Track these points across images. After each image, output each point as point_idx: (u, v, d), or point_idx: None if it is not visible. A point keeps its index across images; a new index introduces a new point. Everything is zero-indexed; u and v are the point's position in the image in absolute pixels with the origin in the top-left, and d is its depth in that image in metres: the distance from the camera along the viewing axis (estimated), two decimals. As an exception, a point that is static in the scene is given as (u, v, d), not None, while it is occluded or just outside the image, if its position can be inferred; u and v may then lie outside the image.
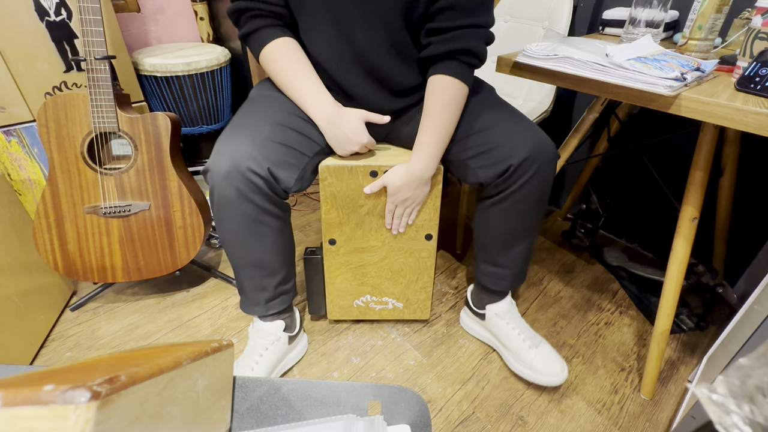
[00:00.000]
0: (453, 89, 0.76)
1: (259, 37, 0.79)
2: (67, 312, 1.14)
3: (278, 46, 0.79)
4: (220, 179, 0.72)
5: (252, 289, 0.88)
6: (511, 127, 0.79)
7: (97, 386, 0.23)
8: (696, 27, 0.81)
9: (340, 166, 0.83)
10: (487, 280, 0.96)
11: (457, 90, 0.77)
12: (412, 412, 0.42)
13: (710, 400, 0.26)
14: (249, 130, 0.74)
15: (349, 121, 0.80)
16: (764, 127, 0.58)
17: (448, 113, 0.78)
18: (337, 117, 0.80)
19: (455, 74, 0.76)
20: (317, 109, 0.80)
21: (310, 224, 1.53)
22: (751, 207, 1.10)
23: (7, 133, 1.10)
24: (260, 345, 0.91)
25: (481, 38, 0.76)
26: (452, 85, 0.76)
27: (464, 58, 0.75)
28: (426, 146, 0.79)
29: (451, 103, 0.77)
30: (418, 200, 0.85)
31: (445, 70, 0.76)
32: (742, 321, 0.72)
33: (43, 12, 1.05)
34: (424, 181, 0.82)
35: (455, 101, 0.78)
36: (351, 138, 0.81)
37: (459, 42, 0.74)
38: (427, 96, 0.79)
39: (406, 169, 0.81)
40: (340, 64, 0.80)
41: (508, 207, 0.82)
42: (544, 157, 0.77)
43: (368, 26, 0.75)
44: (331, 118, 0.80)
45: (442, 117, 0.78)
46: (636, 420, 0.89)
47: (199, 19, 1.65)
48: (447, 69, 0.76)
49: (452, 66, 0.76)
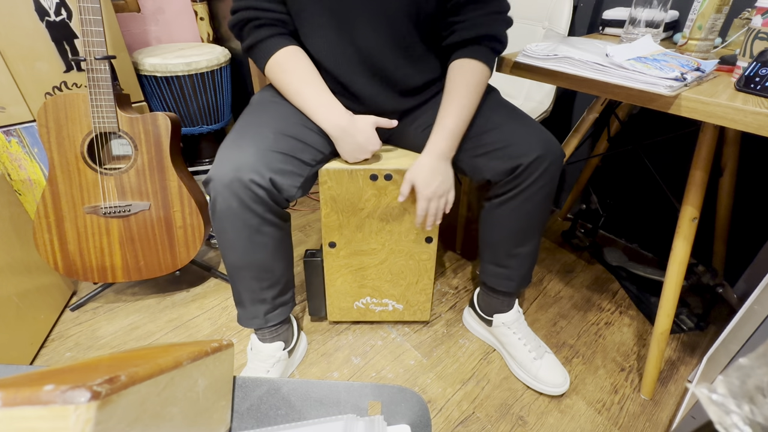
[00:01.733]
0: (479, 73, 0.77)
1: (265, 48, 0.78)
2: (67, 312, 1.14)
3: (285, 56, 0.78)
4: (223, 189, 0.71)
5: (250, 302, 0.86)
6: (520, 126, 0.79)
7: (97, 386, 0.23)
8: (696, 27, 0.81)
9: (340, 169, 0.83)
10: (494, 281, 0.95)
11: (481, 74, 0.77)
12: (412, 412, 0.42)
13: (710, 400, 0.26)
14: (251, 140, 0.73)
15: (363, 129, 0.80)
16: (764, 127, 0.58)
17: (472, 95, 0.77)
18: (351, 126, 0.79)
19: (481, 58, 0.77)
20: (330, 120, 0.79)
21: (311, 224, 1.53)
22: (751, 207, 1.10)
23: (7, 133, 1.10)
24: (260, 369, 0.89)
25: (504, 24, 0.78)
26: (478, 68, 0.77)
27: (490, 44, 0.77)
28: (447, 126, 0.77)
29: (476, 86, 0.77)
30: (447, 186, 0.80)
31: (472, 54, 0.77)
32: (742, 321, 0.72)
33: (43, 12, 1.05)
34: (445, 165, 0.79)
35: (479, 85, 0.78)
36: (365, 147, 0.81)
37: (485, 28, 0.75)
38: (450, 79, 0.78)
39: (427, 155, 0.78)
40: (346, 66, 0.79)
41: (515, 206, 0.82)
42: (553, 157, 0.77)
43: (372, 26, 0.75)
44: (346, 127, 0.79)
45: (467, 99, 0.77)
46: (636, 420, 0.89)
47: (199, 19, 1.65)
48: (473, 53, 0.77)
49: (478, 50, 0.77)
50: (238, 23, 0.78)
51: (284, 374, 0.94)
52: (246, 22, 0.77)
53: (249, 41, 0.78)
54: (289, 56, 0.78)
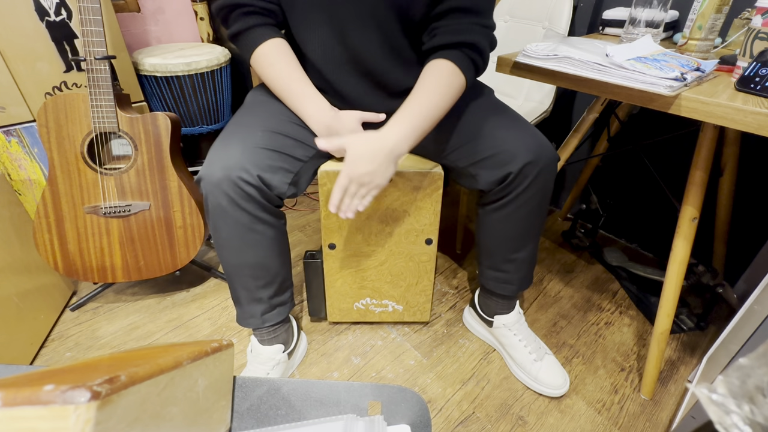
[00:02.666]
0: (451, 75, 0.72)
1: (251, 37, 0.77)
2: (67, 312, 1.14)
3: (270, 48, 0.77)
4: (212, 188, 0.71)
5: (247, 301, 0.86)
6: (510, 132, 0.77)
7: (97, 386, 0.23)
8: (696, 27, 0.81)
9: (338, 171, 0.83)
10: (493, 284, 0.95)
11: (454, 77, 0.72)
12: (412, 412, 0.42)
13: (710, 400, 0.26)
14: (240, 138, 0.73)
15: (347, 125, 0.79)
16: (764, 127, 0.58)
17: (438, 95, 0.72)
18: (335, 122, 0.79)
19: (455, 61, 0.72)
20: (314, 116, 0.79)
21: (310, 224, 1.53)
22: (751, 207, 1.10)
23: (7, 133, 1.10)
24: (260, 371, 0.89)
25: (487, 37, 0.74)
26: (451, 71, 0.72)
27: (468, 52, 0.73)
28: (404, 119, 0.71)
29: (445, 86, 0.72)
30: (378, 182, 0.70)
31: (446, 56, 0.73)
32: (742, 321, 0.72)
33: (43, 12, 1.05)
34: (391, 158, 0.70)
35: (449, 87, 0.72)
36: None
37: (466, 35, 0.72)
38: (421, 76, 0.74)
39: (376, 136, 0.70)
40: (334, 64, 0.79)
41: (509, 213, 0.82)
42: (544, 162, 0.75)
43: (362, 26, 0.74)
44: (329, 123, 0.78)
45: (432, 96, 0.72)
46: (636, 420, 0.89)
47: (199, 19, 1.65)
48: (449, 56, 0.73)
49: (455, 55, 0.73)
50: (225, 7, 0.76)
51: (284, 375, 0.94)
52: (234, 8, 0.76)
53: (235, 28, 0.77)
54: (275, 49, 0.77)
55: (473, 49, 0.73)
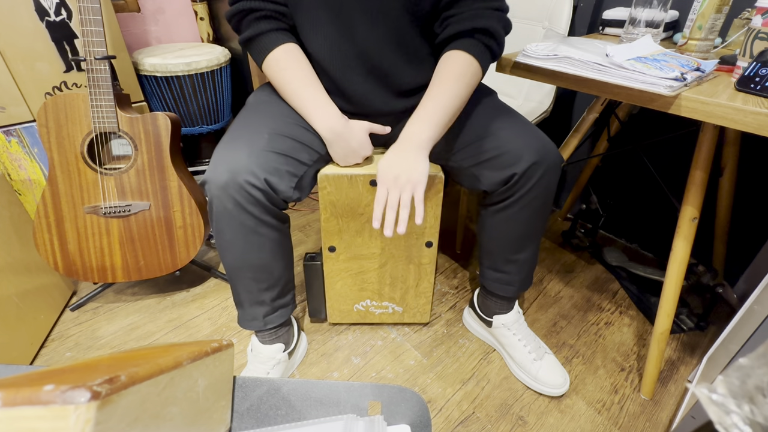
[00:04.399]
0: (468, 65, 0.72)
1: (264, 42, 0.76)
2: (67, 312, 1.14)
3: (283, 54, 0.77)
4: (218, 191, 0.70)
5: (249, 303, 0.86)
6: (514, 133, 0.77)
7: (97, 386, 0.23)
8: (696, 27, 0.81)
9: (339, 175, 0.82)
10: (494, 285, 0.95)
11: (471, 67, 0.72)
12: (412, 412, 0.42)
13: (710, 400, 0.26)
14: (246, 141, 0.72)
15: (356, 135, 0.79)
16: (764, 127, 0.58)
17: (458, 87, 0.72)
18: (345, 131, 0.78)
19: (472, 52, 0.72)
20: (325, 123, 0.78)
21: (310, 224, 1.53)
22: (751, 207, 1.10)
23: (7, 133, 1.10)
24: (260, 370, 0.89)
25: (500, 21, 0.73)
26: (467, 61, 0.72)
27: (483, 38, 0.72)
28: (426, 115, 0.71)
29: (463, 78, 0.72)
30: (414, 177, 0.69)
31: (462, 47, 0.72)
32: (742, 321, 0.72)
33: (43, 12, 1.05)
34: (420, 152, 0.70)
35: (467, 77, 0.73)
36: (358, 152, 0.81)
37: (479, 21, 0.71)
38: (436, 70, 0.74)
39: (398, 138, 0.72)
40: (341, 62, 0.78)
41: (513, 214, 0.81)
42: (548, 163, 0.75)
43: (370, 20, 0.74)
44: (340, 131, 0.78)
45: (452, 90, 0.72)
46: (636, 420, 0.89)
47: (199, 19, 1.65)
48: (464, 46, 0.72)
49: (470, 44, 0.72)
50: (238, 13, 0.76)
51: (284, 375, 0.94)
52: (246, 13, 0.75)
53: (248, 33, 0.76)
54: (288, 54, 0.77)
55: (487, 35, 0.73)
